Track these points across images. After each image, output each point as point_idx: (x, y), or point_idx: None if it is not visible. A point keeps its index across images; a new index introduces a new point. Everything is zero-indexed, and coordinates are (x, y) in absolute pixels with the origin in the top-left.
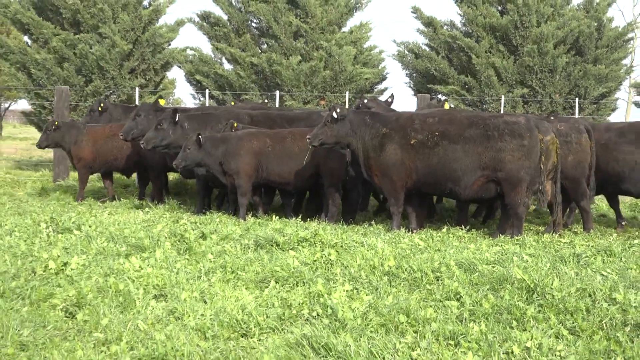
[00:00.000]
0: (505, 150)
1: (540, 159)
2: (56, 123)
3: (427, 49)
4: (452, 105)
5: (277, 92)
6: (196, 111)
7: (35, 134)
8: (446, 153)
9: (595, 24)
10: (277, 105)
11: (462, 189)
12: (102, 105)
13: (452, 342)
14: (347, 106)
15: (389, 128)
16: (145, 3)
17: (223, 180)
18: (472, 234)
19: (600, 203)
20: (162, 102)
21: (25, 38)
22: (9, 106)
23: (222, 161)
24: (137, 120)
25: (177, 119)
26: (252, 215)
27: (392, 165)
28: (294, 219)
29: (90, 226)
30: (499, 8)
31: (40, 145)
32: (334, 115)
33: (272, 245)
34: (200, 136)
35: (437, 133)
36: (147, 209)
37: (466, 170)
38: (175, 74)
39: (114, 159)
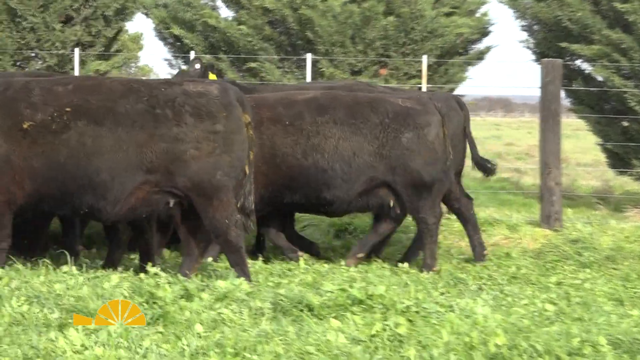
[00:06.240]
0: (185, 140)
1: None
2: None
3: None
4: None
5: (309, 56)
6: None
7: None
8: (82, 142)
9: None
10: (309, 77)
11: (111, 204)
12: None
13: None
14: (424, 79)
15: None
16: None
17: None
18: (628, 292)
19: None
20: None
21: None
22: None
23: None
24: None
25: None
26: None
27: None
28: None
29: None
30: None
31: None
32: None
33: (301, 310)
34: None
35: (68, 109)
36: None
37: (119, 172)
38: (141, 26)
39: None
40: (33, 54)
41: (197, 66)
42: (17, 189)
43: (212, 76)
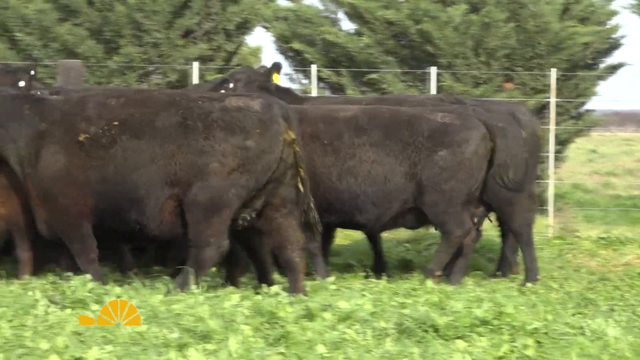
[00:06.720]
0: (210, 153)
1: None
2: None
3: None
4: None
5: (433, 69)
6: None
7: None
8: (125, 155)
9: None
10: (434, 90)
11: (150, 220)
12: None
13: None
14: (553, 93)
15: (50, 120)
16: None
17: None
18: None
19: None
20: None
21: None
22: None
23: None
24: None
25: None
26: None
27: (56, 181)
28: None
29: (118, 297)
30: None
31: None
32: None
33: (426, 331)
34: None
35: (116, 123)
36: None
37: (151, 186)
38: (261, 39)
39: None
40: (152, 69)
41: (264, 65)
42: (84, 204)
43: (275, 77)
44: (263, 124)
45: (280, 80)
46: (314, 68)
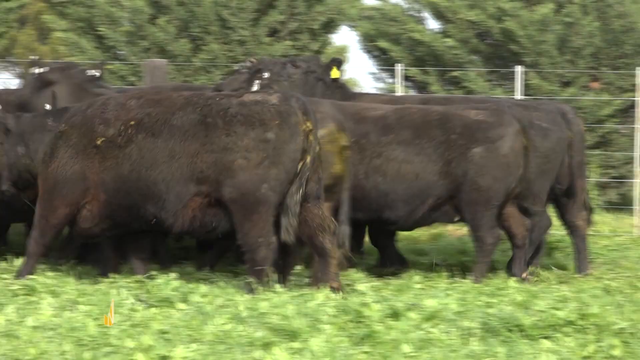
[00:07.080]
0: (234, 149)
1: (303, 163)
2: None
3: None
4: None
5: (518, 68)
6: None
7: None
8: (142, 154)
9: None
10: (519, 90)
11: (171, 215)
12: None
13: None
14: (639, 91)
15: (69, 124)
16: None
17: None
18: None
19: None
20: None
21: None
22: None
23: None
24: None
25: None
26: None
27: (63, 180)
28: None
29: (203, 296)
30: None
31: None
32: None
33: (511, 331)
34: None
35: (132, 123)
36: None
37: (173, 183)
38: (346, 38)
39: None
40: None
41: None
42: (94, 200)
43: (334, 72)
44: (281, 115)
45: (340, 75)
46: (398, 67)
